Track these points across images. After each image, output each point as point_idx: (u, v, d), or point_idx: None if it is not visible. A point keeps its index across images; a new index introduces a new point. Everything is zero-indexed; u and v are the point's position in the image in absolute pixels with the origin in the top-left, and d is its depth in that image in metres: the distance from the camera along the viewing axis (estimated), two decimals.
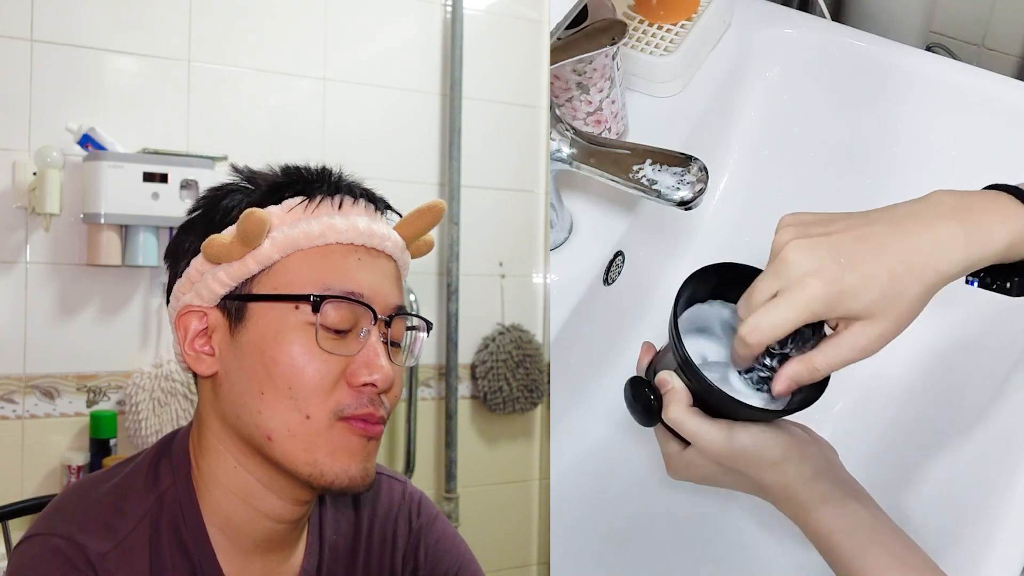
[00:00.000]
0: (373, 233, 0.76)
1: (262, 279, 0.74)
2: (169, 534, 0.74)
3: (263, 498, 0.76)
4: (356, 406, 0.73)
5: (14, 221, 1.52)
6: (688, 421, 0.79)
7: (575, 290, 1.08)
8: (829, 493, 0.78)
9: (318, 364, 0.72)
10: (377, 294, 0.75)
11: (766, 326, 0.73)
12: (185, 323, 0.76)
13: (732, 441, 0.78)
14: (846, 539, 0.76)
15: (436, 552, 0.89)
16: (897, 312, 0.73)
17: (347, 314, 0.73)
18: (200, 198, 0.79)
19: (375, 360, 0.73)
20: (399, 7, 1.88)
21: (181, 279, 0.77)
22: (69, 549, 0.70)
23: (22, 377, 1.52)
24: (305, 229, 0.74)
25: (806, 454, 0.80)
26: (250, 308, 0.74)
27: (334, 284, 0.73)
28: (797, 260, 0.73)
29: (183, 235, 0.78)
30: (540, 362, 1.94)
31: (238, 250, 0.73)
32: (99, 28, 1.57)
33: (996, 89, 1.21)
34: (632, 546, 1.10)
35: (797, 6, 1.59)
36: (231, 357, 0.74)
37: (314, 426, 0.72)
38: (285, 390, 0.72)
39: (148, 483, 0.76)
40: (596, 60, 1.07)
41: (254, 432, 0.73)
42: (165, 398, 1.57)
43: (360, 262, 0.76)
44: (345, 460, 0.73)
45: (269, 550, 0.78)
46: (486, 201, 1.93)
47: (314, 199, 0.76)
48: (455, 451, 1.89)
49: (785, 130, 1.27)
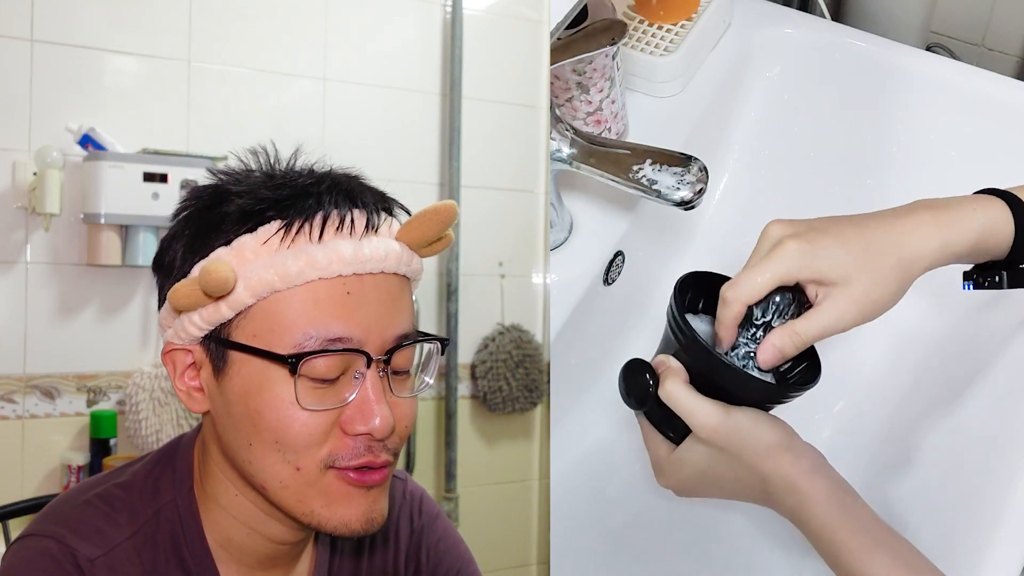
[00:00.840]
0: (365, 258, 0.67)
1: (240, 324, 0.67)
2: (166, 548, 0.72)
3: (265, 523, 0.73)
4: (350, 456, 0.67)
5: (14, 221, 1.52)
6: (684, 397, 0.77)
7: (575, 290, 1.08)
8: (831, 489, 0.77)
9: (305, 419, 0.66)
10: (371, 331, 0.67)
11: (744, 283, 0.76)
12: (172, 359, 0.71)
13: (728, 418, 0.77)
14: (851, 537, 0.75)
15: (437, 552, 0.88)
16: (872, 280, 0.75)
17: (335, 362, 0.67)
18: (186, 200, 0.72)
19: (371, 408, 0.67)
20: (399, 7, 1.88)
21: (163, 309, 0.71)
22: (59, 551, 0.69)
23: (22, 377, 1.52)
24: (281, 270, 0.66)
25: (801, 446, 0.79)
26: (231, 355, 0.68)
27: (318, 331, 0.66)
28: (775, 230, 0.78)
29: (166, 246, 0.72)
30: (540, 362, 1.94)
31: (203, 299, 0.67)
32: (99, 28, 1.57)
33: (996, 89, 1.21)
34: (632, 546, 1.10)
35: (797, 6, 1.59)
36: (219, 400, 0.69)
37: (305, 477, 0.67)
38: (272, 443, 0.67)
39: (147, 494, 0.74)
40: (596, 60, 1.07)
41: (249, 479, 0.70)
42: (165, 398, 1.57)
43: (349, 297, 0.67)
44: (343, 511, 0.68)
45: (273, 567, 0.77)
46: (486, 201, 1.93)
47: (291, 227, 0.67)
48: (455, 451, 1.89)
49: (785, 130, 1.27)
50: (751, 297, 0.76)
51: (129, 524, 0.72)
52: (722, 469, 0.80)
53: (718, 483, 0.81)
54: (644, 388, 0.79)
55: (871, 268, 0.75)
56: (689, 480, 0.82)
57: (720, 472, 0.80)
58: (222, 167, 0.72)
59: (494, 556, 1.81)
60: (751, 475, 0.79)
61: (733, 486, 0.81)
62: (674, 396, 0.78)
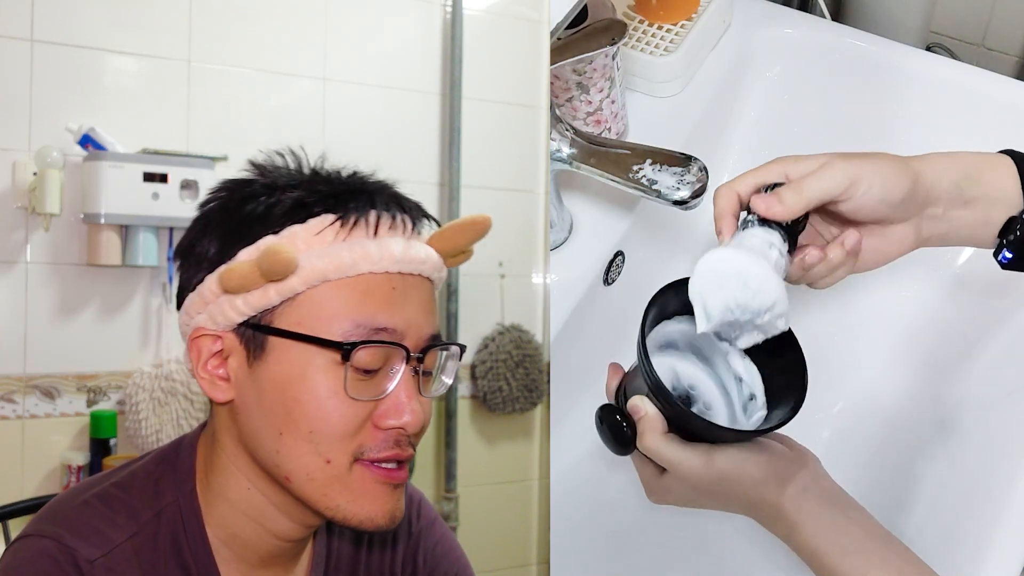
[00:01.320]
0: (411, 258, 0.71)
1: (284, 311, 0.68)
2: (167, 549, 0.72)
3: (274, 519, 0.73)
4: (379, 448, 0.69)
5: (14, 221, 1.52)
6: (664, 449, 0.77)
7: (575, 290, 1.08)
8: (818, 511, 0.77)
9: (344, 410, 0.68)
10: (411, 327, 0.70)
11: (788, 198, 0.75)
12: (198, 346, 0.71)
13: (711, 467, 0.77)
14: (841, 560, 0.75)
15: (435, 556, 0.88)
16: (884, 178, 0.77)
17: (378, 354, 0.69)
18: (218, 191, 0.73)
19: (406, 403, 0.69)
20: (399, 7, 1.88)
21: (194, 294, 0.71)
22: (58, 552, 0.69)
23: (22, 377, 1.52)
24: (336, 260, 0.68)
25: (789, 472, 0.78)
26: (271, 341, 0.68)
27: (365, 321, 0.68)
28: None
29: (198, 237, 0.72)
30: (540, 362, 1.94)
31: (257, 281, 0.67)
32: (99, 28, 1.57)
33: (996, 89, 1.21)
34: (632, 546, 1.10)
35: (797, 6, 1.59)
36: (249, 389, 0.70)
37: (334, 470, 0.68)
38: (306, 433, 0.68)
39: (148, 494, 0.73)
40: (596, 60, 1.07)
41: (272, 469, 0.70)
42: (165, 398, 1.57)
43: (394, 292, 0.70)
44: (369, 506, 0.70)
45: (274, 564, 0.77)
46: (486, 201, 1.92)
47: (347, 221, 0.69)
48: (455, 451, 1.89)
49: (785, 130, 1.27)
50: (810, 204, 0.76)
51: (129, 525, 0.72)
52: (709, 501, 0.81)
53: (708, 507, 0.82)
54: (622, 437, 0.79)
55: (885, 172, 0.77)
56: (678, 502, 0.83)
57: (707, 503, 0.81)
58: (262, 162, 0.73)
59: (494, 556, 1.81)
60: (739, 506, 0.80)
61: (723, 509, 0.82)
62: (654, 451, 0.78)
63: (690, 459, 0.77)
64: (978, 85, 1.22)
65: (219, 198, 0.73)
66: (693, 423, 0.77)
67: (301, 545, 0.79)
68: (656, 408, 0.78)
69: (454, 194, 1.88)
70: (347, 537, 0.83)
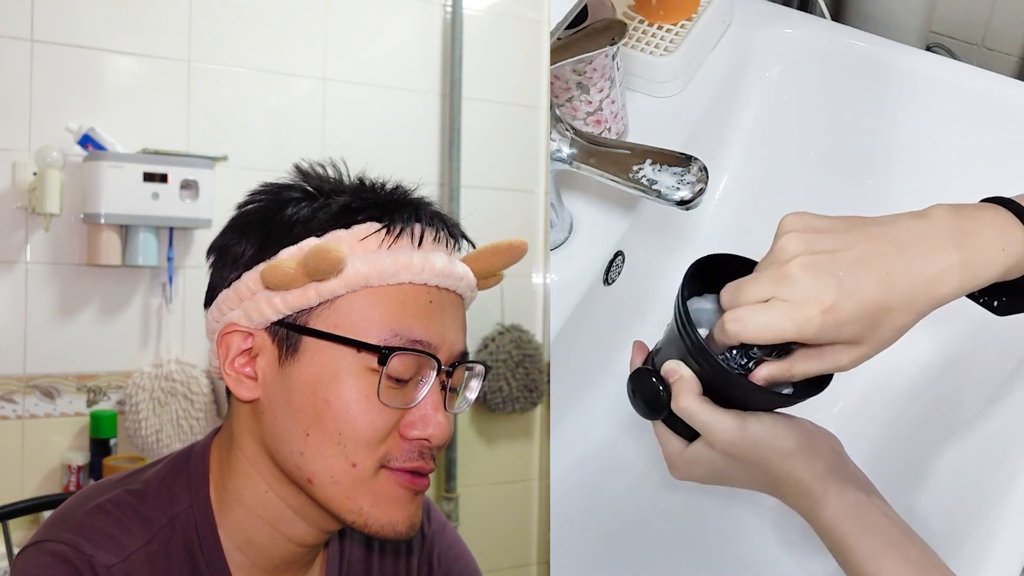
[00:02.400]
0: (450, 274, 0.71)
1: (322, 312, 0.69)
2: (180, 556, 0.72)
3: (291, 523, 0.73)
4: (405, 458, 0.69)
5: (14, 221, 1.52)
6: (699, 411, 0.77)
7: (575, 290, 1.08)
8: (843, 490, 0.77)
9: (374, 415, 0.68)
10: (444, 341, 0.71)
11: (753, 326, 0.71)
12: (228, 341, 0.70)
13: (745, 431, 0.76)
14: (861, 540, 0.75)
15: (448, 559, 0.88)
16: (882, 339, 0.73)
17: (411, 364, 0.69)
18: (256, 193, 0.73)
19: (433, 415, 0.70)
20: (399, 7, 1.88)
21: (228, 290, 0.71)
22: (76, 558, 0.68)
23: (22, 377, 1.52)
24: (379, 266, 0.68)
25: (818, 448, 0.79)
26: (304, 341, 0.69)
27: (402, 330, 0.68)
28: (802, 280, 0.71)
29: (235, 236, 0.72)
30: (540, 362, 1.94)
31: (300, 279, 0.68)
32: (99, 28, 1.57)
33: (996, 89, 1.21)
34: (632, 546, 1.10)
35: (797, 6, 1.59)
36: (277, 388, 0.70)
37: (359, 474, 0.68)
38: (334, 435, 0.68)
39: (161, 501, 0.73)
40: (596, 60, 1.07)
41: (294, 471, 0.70)
42: (165, 398, 1.57)
43: (431, 305, 0.70)
44: (391, 512, 0.70)
45: (288, 570, 0.77)
46: (486, 201, 1.92)
47: (392, 230, 0.70)
48: (455, 451, 1.89)
49: (785, 130, 1.27)
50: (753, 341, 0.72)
51: (143, 532, 0.71)
52: (736, 472, 0.80)
53: (732, 481, 0.82)
54: (657, 398, 0.79)
55: (886, 330, 0.72)
56: (703, 477, 0.82)
57: (734, 475, 0.81)
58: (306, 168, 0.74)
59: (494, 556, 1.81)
60: (765, 479, 0.80)
61: (747, 483, 0.82)
62: (690, 411, 0.77)
63: (724, 421, 0.76)
64: (978, 85, 1.21)
65: (259, 200, 0.73)
66: (733, 382, 0.76)
67: (315, 551, 0.78)
68: (692, 371, 0.78)
69: (454, 194, 1.88)
70: (359, 542, 0.83)
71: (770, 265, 0.73)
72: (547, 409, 1.12)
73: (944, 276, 0.72)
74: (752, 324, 0.71)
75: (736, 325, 0.72)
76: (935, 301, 0.73)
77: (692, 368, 0.78)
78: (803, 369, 0.74)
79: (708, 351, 0.76)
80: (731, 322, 0.72)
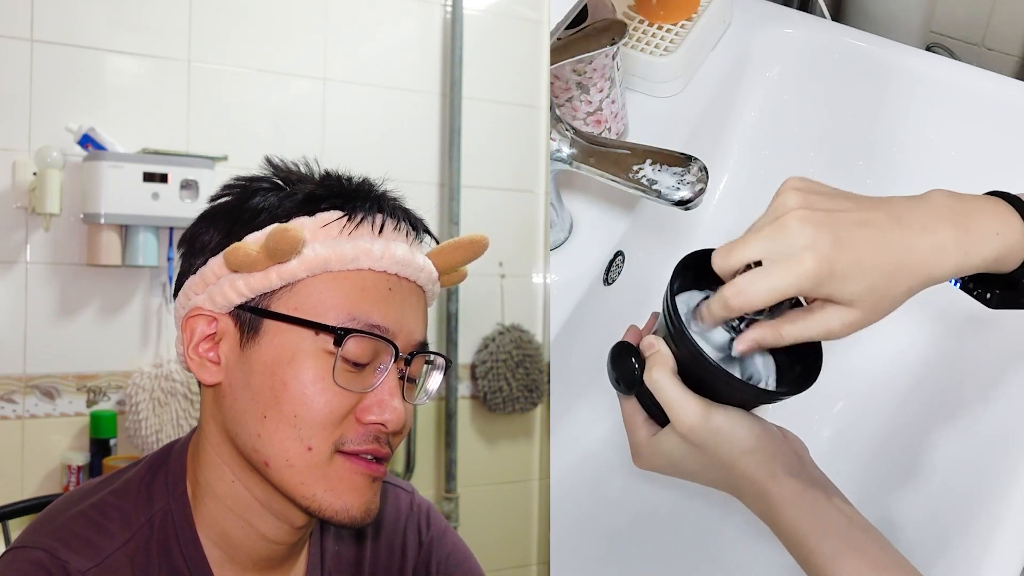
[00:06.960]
0: (410, 263, 0.73)
1: (283, 295, 0.70)
2: (159, 554, 0.72)
3: (261, 517, 0.73)
4: (359, 441, 0.70)
5: (14, 221, 1.52)
6: (668, 386, 0.77)
7: (575, 290, 1.08)
8: (800, 492, 0.77)
9: (329, 397, 0.69)
10: (402, 329, 0.72)
11: (754, 292, 0.71)
12: (192, 325, 0.72)
13: (708, 419, 0.76)
14: (819, 542, 0.75)
15: (448, 567, 0.87)
16: (875, 306, 0.72)
17: (368, 348, 0.70)
18: (227, 187, 0.75)
19: (389, 400, 0.70)
20: (399, 7, 1.88)
21: (195, 276, 0.72)
22: (51, 564, 0.68)
23: (22, 377, 1.52)
24: (339, 251, 0.70)
25: (777, 450, 0.78)
26: (265, 324, 0.70)
27: (360, 315, 0.69)
28: (799, 231, 0.70)
29: (204, 226, 0.74)
30: (540, 362, 1.94)
31: (262, 262, 0.69)
32: (99, 28, 1.57)
33: (996, 89, 1.21)
34: (632, 546, 1.10)
35: (797, 6, 1.59)
36: (237, 371, 0.71)
37: (314, 458, 0.69)
38: (290, 417, 0.68)
39: (140, 501, 0.73)
40: (596, 60, 1.07)
41: (252, 454, 0.70)
42: (165, 398, 1.57)
43: (390, 293, 0.72)
44: (347, 497, 0.70)
45: (268, 568, 0.77)
46: (486, 201, 1.93)
47: (354, 218, 0.71)
48: (455, 451, 1.89)
49: (785, 130, 1.27)
50: (756, 307, 0.72)
51: (122, 532, 0.71)
52: (695, 464, 0.80)
53: (691, 474, 0.82)
54: (631, 373, 0.79)
55: (880, 297, 0.72)
56: (664, 467, 0.82)
57: (693, 467, 0.80)
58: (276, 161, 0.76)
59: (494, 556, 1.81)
60: (723, 475, 0.79)
61: (706, 479, 0.81)
62: (659, 385, 0.77)
63: (690, 404, 0.76)
64: (978, 85, 1.22)
65: (229, 193, 0.74)
66: (704, 366, 0.76)
67: (295, 550, 0.78)
68: (670, 350, 0.78)
69: (454, 194, 1.88)
70: (350, 542, 0.83)
71: (768, 223, 0.73)
72: (547, 409, 1.12)
73: (941, 251, 0.72)
74: (754, 291, 0.71)
75: (739, 298, 0.71)
76: (932, 275, 0.73)
77: (672, 351, 0.78)
78: (792, 332, 0.73)
79: (688, 335, 0.76)
80: (733, 296, 0.72)
